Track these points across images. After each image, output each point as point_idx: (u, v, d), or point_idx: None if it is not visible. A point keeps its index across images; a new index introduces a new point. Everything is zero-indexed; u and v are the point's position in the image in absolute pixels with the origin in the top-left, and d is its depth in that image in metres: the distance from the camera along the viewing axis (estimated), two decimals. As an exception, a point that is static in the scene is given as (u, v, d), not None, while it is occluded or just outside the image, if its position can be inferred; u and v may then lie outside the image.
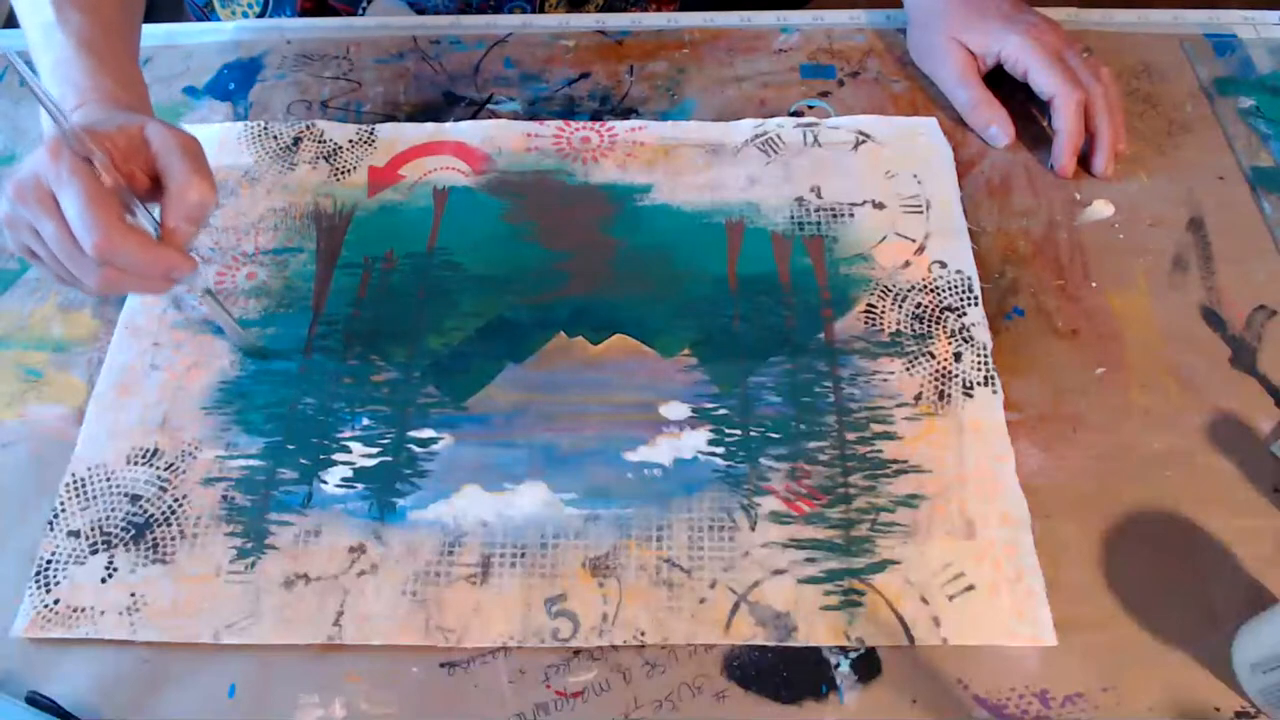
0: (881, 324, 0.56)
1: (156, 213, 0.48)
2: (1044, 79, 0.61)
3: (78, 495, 0.50)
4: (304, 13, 0.75)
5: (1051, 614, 0.46)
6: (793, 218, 0.60)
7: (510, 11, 0.74)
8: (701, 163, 0.63)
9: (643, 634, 0.46)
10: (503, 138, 0.64)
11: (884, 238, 0.59)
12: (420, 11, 0.74)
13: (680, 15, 0.72)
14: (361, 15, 0.75)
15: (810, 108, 0.66)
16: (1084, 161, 0.62)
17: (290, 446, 0.52)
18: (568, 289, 0.58)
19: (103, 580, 0.48)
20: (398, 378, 0.54)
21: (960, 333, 0.55)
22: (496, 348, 0.55)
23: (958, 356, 0.54)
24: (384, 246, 0.60)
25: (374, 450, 0.52)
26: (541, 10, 0.75)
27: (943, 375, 0.54)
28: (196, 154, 0.47)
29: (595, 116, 0.66)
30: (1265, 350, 0.54)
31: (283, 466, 0.51)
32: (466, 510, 0.50)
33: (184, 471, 0.51)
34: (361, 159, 0.64)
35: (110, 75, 0.51)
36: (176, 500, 0.50)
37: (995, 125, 0.63)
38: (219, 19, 0.78)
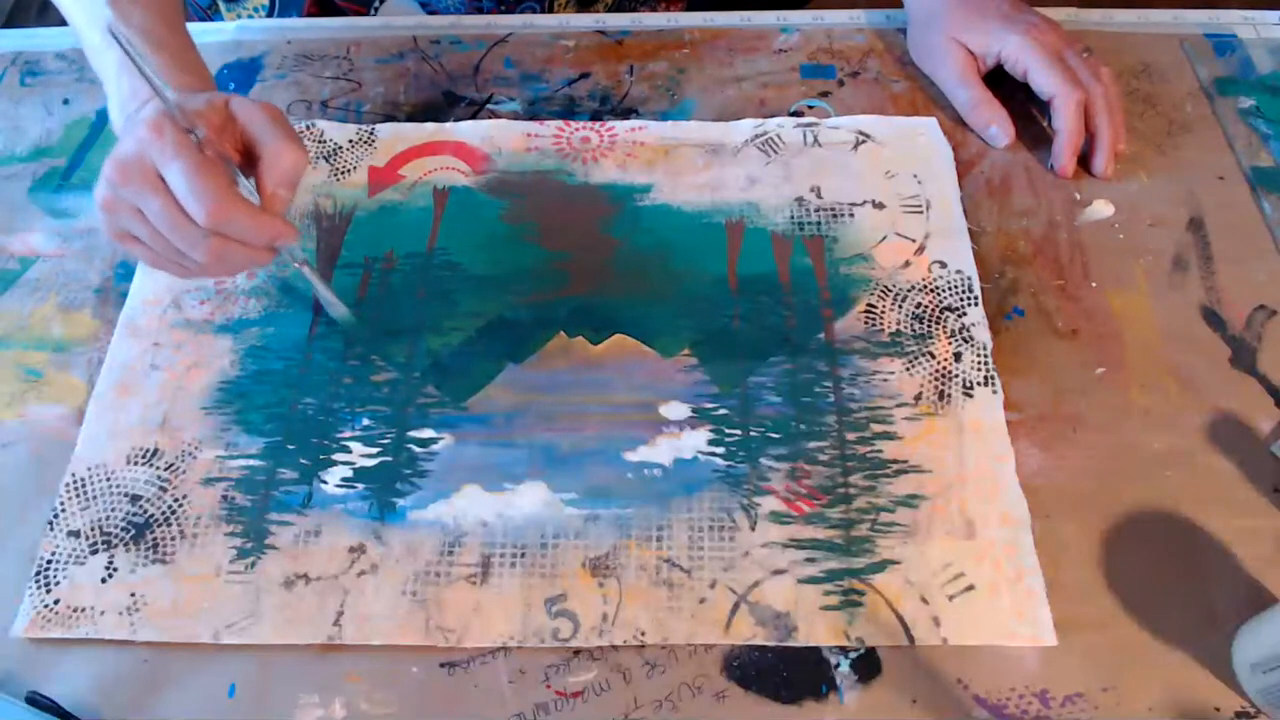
0: (881, 324, 0.56)
1: (250, 185, 0.48)
2: (1044, 79, 0.61)
3: (78, 495, 0.50)
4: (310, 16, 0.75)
5: (1051, 614, 0.46)
6: (793, 218, 0.60)
7: (521, 12, 0.74)
8: (701, 163, 0.63)
9: (643, 634, 0.46)
10: (503, 138, 0.64)
11: (884, 238, 0.59)
12: (432, 13, 0.74)
13: (680, 15, 0.72)
14: (373, 15, 0.75)
15: (810, 108, 0.66)
16: (1084, 161, 0.62)
17: (290, 446, 0.52)
18: (568, 289, 0.58)
19: (103, 580, 0.48)
20: (398, 378, 0.54)
21: (960, 333, 0.55)
22: (496, 348, 0.55)
23: (958, 356, 0.54)
24: (384, 246, 0.60)
25: (374, 450, 0.52)
26: (550, 10, 0.75)
27: (943, 375, 0.54)
28: (284, 122, 0.48)
29: (595, 116, 0.66)
30: (1265, 350, 0.54)
31: (283, 466, 0.51)
32: (466, 510, 0.50)
33: (184, 471, 0.51)
34: (361, 159, 0.64)
35: (180, 68, 0.52)
36: (176, 500, 0.50)
37: (995, 125, 0.63)
38: (222, 19, 0.78)
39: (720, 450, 0.51)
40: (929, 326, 0.55)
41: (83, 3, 0.55)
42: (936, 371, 0.54)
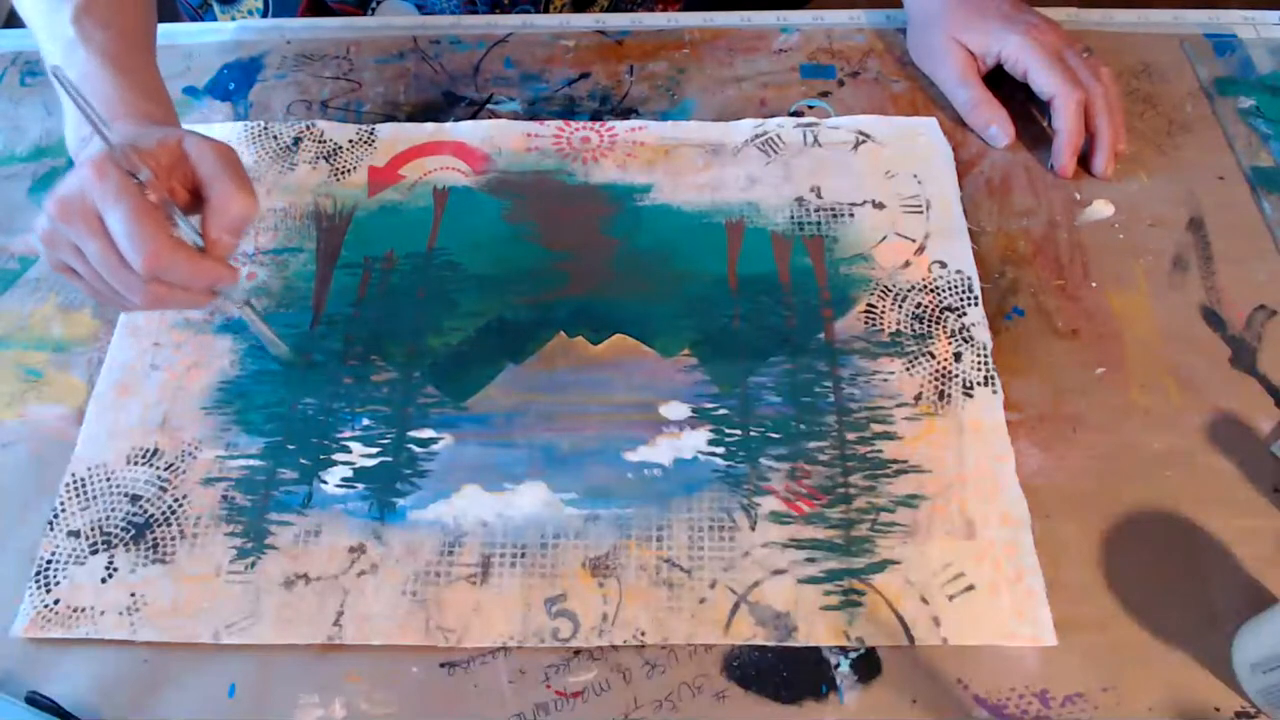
0: (881, 324, 0.56)
1: (195, 223, 0.48)
2: (1044, 79, 0.61)
3: (78, 495, 0.50)
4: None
5: (1051, 614, 0.46)
6: (793, 218, 0.60)
7: (518, 13, 0.74)
8: (701, 163, 0.63)
9: (643, 634, 0.46)
10: (503, 138, 0.64)
11: (884, 238, 0.59)
12: (427, 14, 0.74)
13: (680, 15, 0.72)
14: (371, 15, 0.75)
15: (810, 108, 0.66)
16: (1084, 161, 0.62)
17: (290, 446, 0.52)
18: (568, 289, 0.58)
19: (103, 580, 0.48)
20: (398, 378, 0.54)
21: (960, 333, 0.55)
22: (496, 348, 0.55)
23: (958, 356, 0.54)
24: (384, 246, 0.60)
25: (374, 450, 0.52)
26: (546, 12, 0.75)
27: (943, 375, 0.54)
28: (236, 165, 0.47)
29: (595, 116, 0.66)
30: (1265, 350, 0.54)
31: (283, 466, 0.51)
32: (466, 510, 0.50)
33: (184, 471, 0.51)
34: (361, 159, 0.64)
35: (138, 90, 0.51)
36: (176, 500, 0.50)
37: (995, 125, 0.63)
38: (214, 19, 0.78)
39: (720, 450, 0.51)
40: (929, 326, 0.55)
41: (46, 17, 0.54)
42: (936, 371, 0.54)
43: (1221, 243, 0.59)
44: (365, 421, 0.53)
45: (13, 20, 0.60)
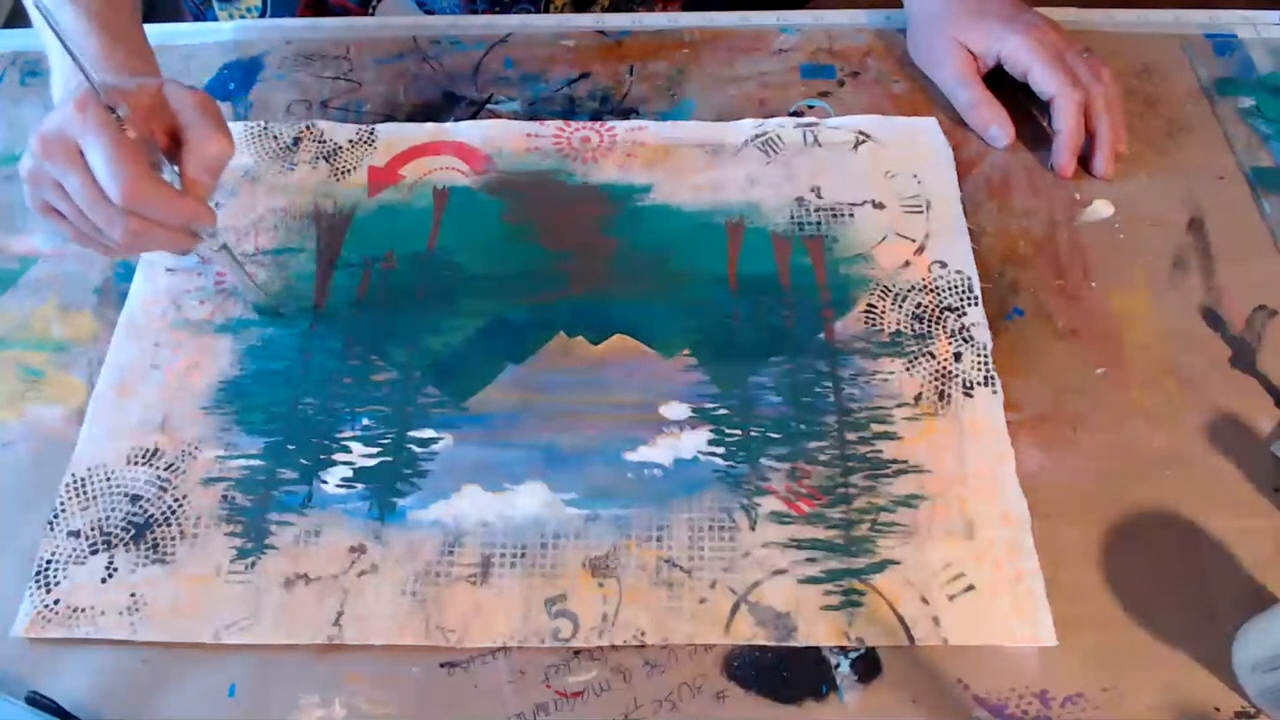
0: (881, 324, 0.56)
1: (171, 173, 0.49)
2: (1044, 79, 0.61)
3: (78, 495, 0.50)
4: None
5: (1051, 614, 0.46)
6: (793, 218, 0.60)
7: (517, 13, 0.74)
8: (701, 163, 0.63)
9: (643, 634, 0.46)
10: (503, 138, 0.64)
11: (884, 238, 0.59)
12: (429, 13, 0.74)
13: (680, 15, 0.72)
14: (371, 15, 0.75)
15: (810, 108, 0.66)
16: (1084, 161, 0.62)
17: (290, 446, 0.52)
18: (568, 289, 0.58)
19: (103, 580, 0.48)
20: (398, 378, 0.54)
21: (960, 333, 0.55)
22: (496, 348, 0.55)
23: (958, 356, 0.54)
24: (384, 246, 0.60)
25: (374, 450, 0.52)
26: (547, 11, 0.75)
27: (943, 375, 0.54)
28: (214, 110, 0.49)
29: (595, 116, 0.66)
30: (1265, 350, 0.54)
31: (283, 466, 0.51)
32: (467, 510, 0.50)
33: (184, 471, 0.51)
34: (361, 159, 0.64)
35: (123, 47, 0.53)
36: (176, 500, 0.50)
37: (995, 125, 0.63)
38: (215, 18, 0.78)
39: (720, 450, 0.51)
40: (929, 326, 0.55)
41: None
42: (936, 371, 0.54)
43: (1221, 243, 0.59)
44: (365, 421, 0.53)
45: (13, 20, 0.60)
